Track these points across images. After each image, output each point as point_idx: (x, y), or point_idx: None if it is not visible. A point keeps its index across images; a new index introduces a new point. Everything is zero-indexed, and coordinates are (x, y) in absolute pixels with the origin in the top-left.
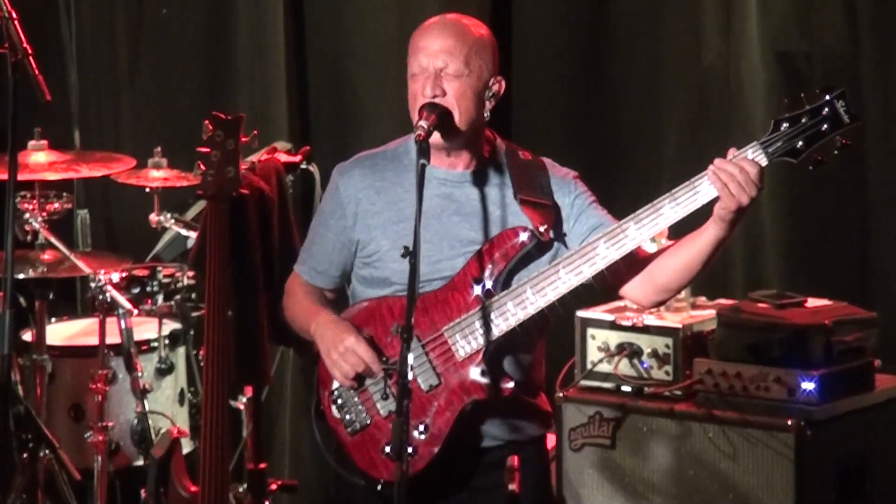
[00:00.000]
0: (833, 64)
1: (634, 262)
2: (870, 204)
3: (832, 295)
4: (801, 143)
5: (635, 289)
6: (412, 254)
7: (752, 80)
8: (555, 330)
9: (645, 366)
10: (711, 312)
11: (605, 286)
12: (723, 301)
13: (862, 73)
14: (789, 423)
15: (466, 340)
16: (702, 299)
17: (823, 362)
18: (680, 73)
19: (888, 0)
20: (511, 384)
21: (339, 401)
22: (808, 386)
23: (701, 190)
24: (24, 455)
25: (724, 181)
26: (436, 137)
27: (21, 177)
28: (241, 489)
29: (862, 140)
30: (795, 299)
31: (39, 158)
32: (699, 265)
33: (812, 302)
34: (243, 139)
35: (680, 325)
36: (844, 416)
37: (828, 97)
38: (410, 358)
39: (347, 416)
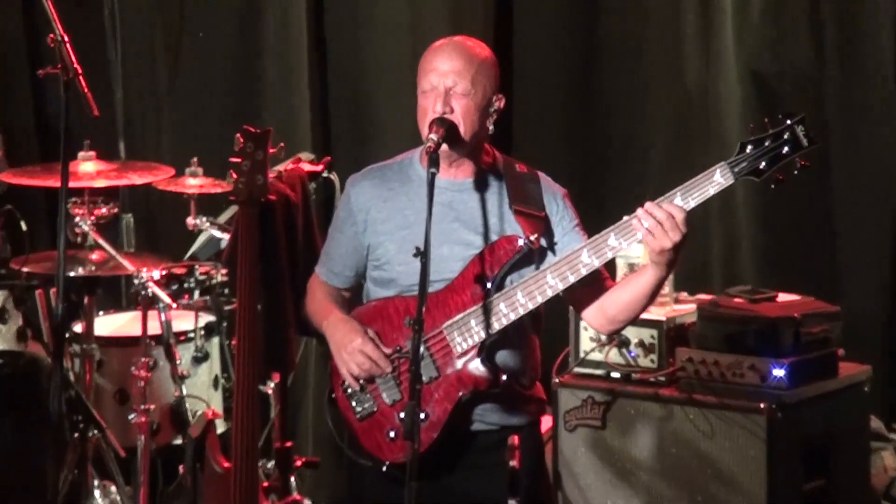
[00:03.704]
0: (801, 83)
1: (596, 290)
2: (834, 210)
3: (801, 291)
4: (764, 163)
5: (592, 316)
6: (423, 253)
7: (729, 98)
8: (551, 321)
9: (632, 354)
10: (692, 306)
11: (573, 306)
12: (702, 296)
13: (827, 91)
14: (762, 406)
15: (463, 337)
16: (683, 294)
17: (793, 351)
18: (664, 92)
19: (850, 26)
20: (505, 376)
21: (349, 391)
22: (778, 373)
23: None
24: (76, 434)
25: (649, 227)
26: (443, 148)
27: (72, 184)
28: (268, 465)
29: (827, 152)
30: (767, 294)
31: (88, 168)
32: (642, 301)
33: (783, 297)
34: (271, 150)
35: (664, 318)
36: (811, 399)
37: (789, 122)
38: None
39: (356, 405)
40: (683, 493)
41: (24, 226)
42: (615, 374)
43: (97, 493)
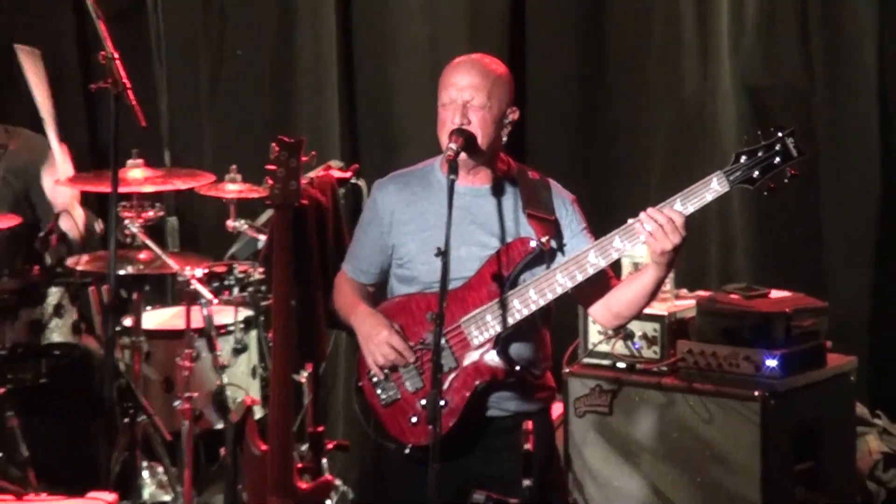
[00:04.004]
0: (791, 96)
1: (602, 289)
2: (822, 214)
3: (791, 288)
4: (756, 172)
5: (598, 312)
6: (443, 253)
7: (725, 110)
8: (561, 315)
9: (637, 346)
10: (691, 302)
11: (581, 304)
12: (701, 292)
13: (815, 103)
14: (756, 393)
15: (480, 331)
16: (683, 291)
17: (784, 343)
18: (664, 104)
19: (836, 44)
20: (518, 367)
21: (375, 379)
22: (771, 363)
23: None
24: (126, 420)
25: (651, 230)
26: (462, 157)
27: (121, 190)
28: (302, 448)
29: (814, 162)
30: (761, 291)
31: (136, 174)
32: (644, 298)
33: (775, 293)
34: (304, 159)
35: (666, 313)
36: (802, 388)
37: (780, 134)
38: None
39: (381, 392)
40: (684, 473)
41: (81, 227)
42: (621, 365)
43: (145, 473)
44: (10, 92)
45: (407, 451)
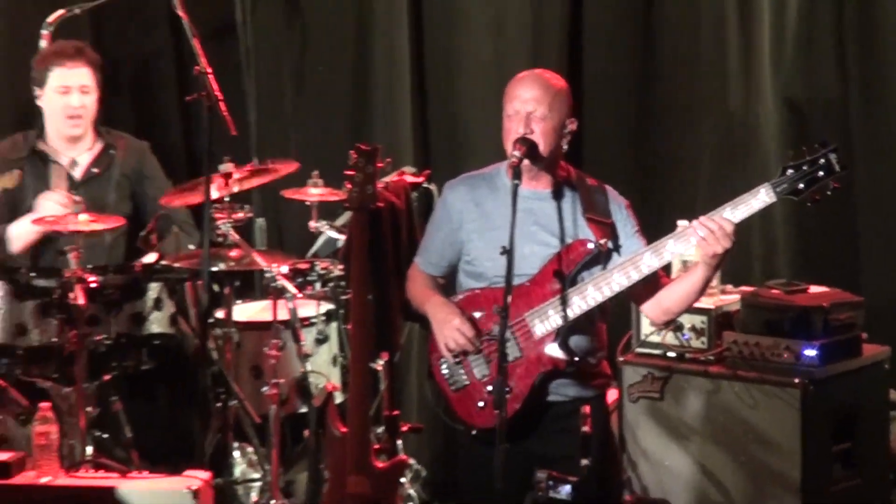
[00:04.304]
0: (829, 108)
1: (653, 287)
2: (858, 215)
3: (829, 283)
4: (802, 185)
5: (649, 308)
6: (508, 251)
7: (766, 120)
8: (616, 308)
9: (686, 337)
10: (736, 297)
11: (634, 300)
12: (745, 288)
13: (850, 113)
14: (796, 381)
15: (543, 324)
16: (729, 286)
17: (823, 335)
18: (710, 116)
19: (871, 58)
20: (577, 357)
21: (445, 366)
22: (810, 353)
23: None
24: (218, 404)
25: (703, 235)
26: (525, 163)
27: (213, 194)
28: (379, 430)
29: (851, 168)
30: (801, 286)
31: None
32: (693, 295)
33: (814, 289)
34: (379, 165)
35: (713, 307)
36: (838, 375)
37: (825, 151)
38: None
39: (451, 379)
40: (729, 454)
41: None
42: (671, 354)
43: (236, 453)
44: (114, 100)
45: (474, 432)
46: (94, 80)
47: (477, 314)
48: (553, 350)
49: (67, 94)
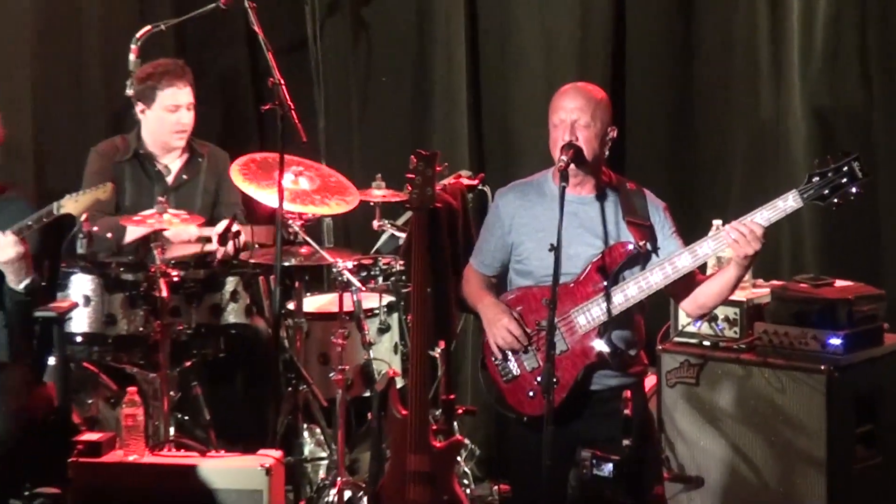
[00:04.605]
0: (852, 117)
1: (689, 285)
2: (880, 215)
3: (853, 278)
4: (827, 191)
5: (686, 304)
6: (556, 249)
7: (795, 129)
8: (656, 301)
9: (720, 327)
10: (766, 290)
11: (671, 297)
12: (775, 282)
13: (873, 123)
14: (822, 367)
15: (587, 319)
16: (760, 281)
17: (847, 325)
18: (743, 126)
19: (892, 72)
20: (618, 349)
21: (497, 360)
22: (835, 342)
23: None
24: (289, 388)
25: (735, 238)
26: (571, 167)
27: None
28: (436, 413)
29: (874, 172)
30: (827, 281)
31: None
32: (726, 292)
33: (839, 283)
34: (438, 169)
35: (744, 299)
36: (861, 363)
37: (848, 159)
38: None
39: (503, 371)
40: (759, 435)
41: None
42: (706, 343)
43: (306, 434)
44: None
45: (525, 420)
46: (194, 96)
47: (525, 311)
48: (597, 344)
49: (177, 112)
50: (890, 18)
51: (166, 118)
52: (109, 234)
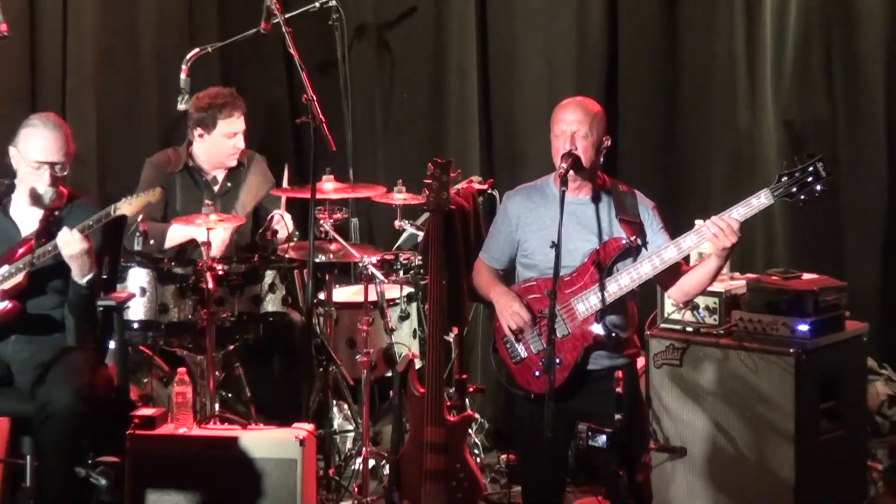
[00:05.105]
0: (819, 127)
1: (675, 274)
2: (842, 216)
3: (818, 271)
4: (795, 189)
5: (673, 292)
6: (557, 246)
7: (769, 137)
8: (645, 292)
9: (701, 315)
10: (742, 282)
11: (659, 285)
12: (750, 274)
13: (837, 133)
14: (791, 351)
15: (585, 307)
16: (736, 274)
17: (813, 313)
18: (723, 134)
19: (854, 86)
20: (613, 333)
21: (507, 343)
22: (803, 328)
23: (704, 233)
24: (320, 369)
25: (715, 232)
26: (570, 174)
27: (318, 197)
28: (451, 391)
29: (837, 176)
30: (796, 274)
31: (328, 186)
32: (707, 282)
33: (806, 276)
34: (452, 175)
35: (723, 290)
36: (826, 346)
37: (812, 161)
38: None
39: (511, 353)
40: (736, 411)
41: (290, 226)
42: (689, 329)
43: (335, 409)
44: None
45: (532, 397)
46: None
47: (532, 300)
48: (595, 328)
49: (233, 139)
50: (851, 39)
51: (224, 143)
52: (152, 241)
